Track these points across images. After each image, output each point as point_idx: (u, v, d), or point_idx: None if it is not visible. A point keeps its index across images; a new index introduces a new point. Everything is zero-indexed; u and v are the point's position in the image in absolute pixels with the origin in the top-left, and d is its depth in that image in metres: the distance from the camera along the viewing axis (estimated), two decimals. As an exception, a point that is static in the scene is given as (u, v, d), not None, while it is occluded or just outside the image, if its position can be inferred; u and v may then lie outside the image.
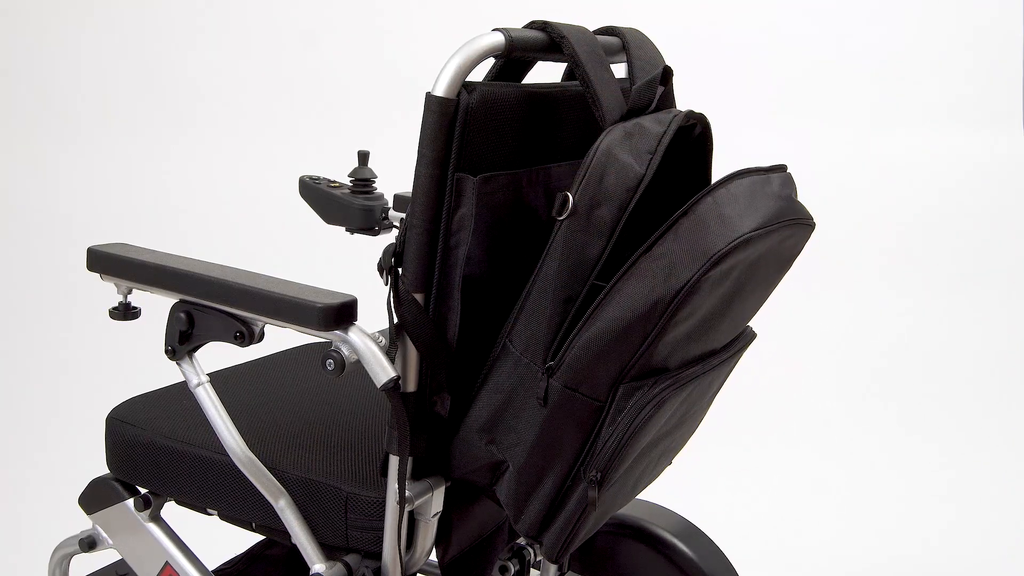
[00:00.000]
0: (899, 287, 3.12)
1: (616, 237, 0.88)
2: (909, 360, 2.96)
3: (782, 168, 0.97)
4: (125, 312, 1.11)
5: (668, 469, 1.16)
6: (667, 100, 1.09)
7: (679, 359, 0.93)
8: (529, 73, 1.11)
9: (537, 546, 1.39)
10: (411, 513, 1.01)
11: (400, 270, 0.95)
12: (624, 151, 0.88)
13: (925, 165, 3.24)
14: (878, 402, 2.81)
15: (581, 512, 0.94)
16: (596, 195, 0.87)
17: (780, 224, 0.91)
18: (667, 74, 1.04)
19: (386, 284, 0.95)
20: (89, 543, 1.24)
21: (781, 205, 0.92)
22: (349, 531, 1.05)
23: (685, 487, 2.28)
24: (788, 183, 0.96)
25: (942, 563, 2.13)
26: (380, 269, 0.95)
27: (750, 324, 1.11)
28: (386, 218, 1.34)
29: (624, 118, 0.92)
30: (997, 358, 2.95)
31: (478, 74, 0.96)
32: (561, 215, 0.87)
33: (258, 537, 1.57)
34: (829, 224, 3.23)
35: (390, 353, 0.96)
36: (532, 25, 0.98)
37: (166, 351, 1.07)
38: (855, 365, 2.95)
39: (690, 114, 0.95)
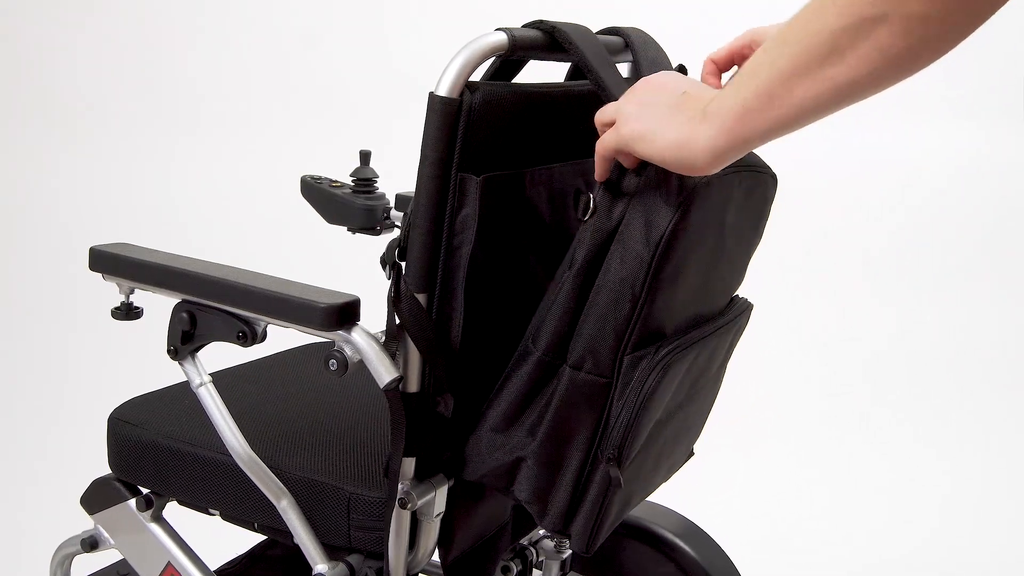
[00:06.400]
0: (895, 286, 3.12)
1: None
2: (908, 359, 2.96)
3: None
4: (127, 312, 1.11)
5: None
6: None
7: (675, 323, 0.94)
8: (526, 72, 1.11)
9: (541, 547, 1.39)
10: (414, 513, 1.01)
11: (403, 266, 0.95)
12: None
13: (920, 161, 3.24)
14: (879, 402, 2.81)
15: (604, 495, 0.94)
16: (615, 194, 0.88)
17: (736, 168, 0.91)
18: (681, 71, 1.05)
19: (388, 278, 0.95)
20: (91, 543, 1.24)
21: None
22: (352, 531, 1.05)
23: (686, 487, 2.28)
24: None
25: (943, 562, 2.13)
26: (383, 263, 0.96)
27: (746, 297, 1.12)
28: (388, 218, 1.34)
29: None
30: (995, 357, 2.95)
31: (477, 75, 0.96)
32: (585, 216, 0.89)
33: (260, 537, 1.57)
34: (827, 222, 3.23)
35: (388, 348, 0.96)
36: (533, 25, 0.98)
37: (168, 351, 1.07)
38: (855, 364, 2.95)
39: None
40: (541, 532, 1.39)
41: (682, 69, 1.05)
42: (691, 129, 0.76)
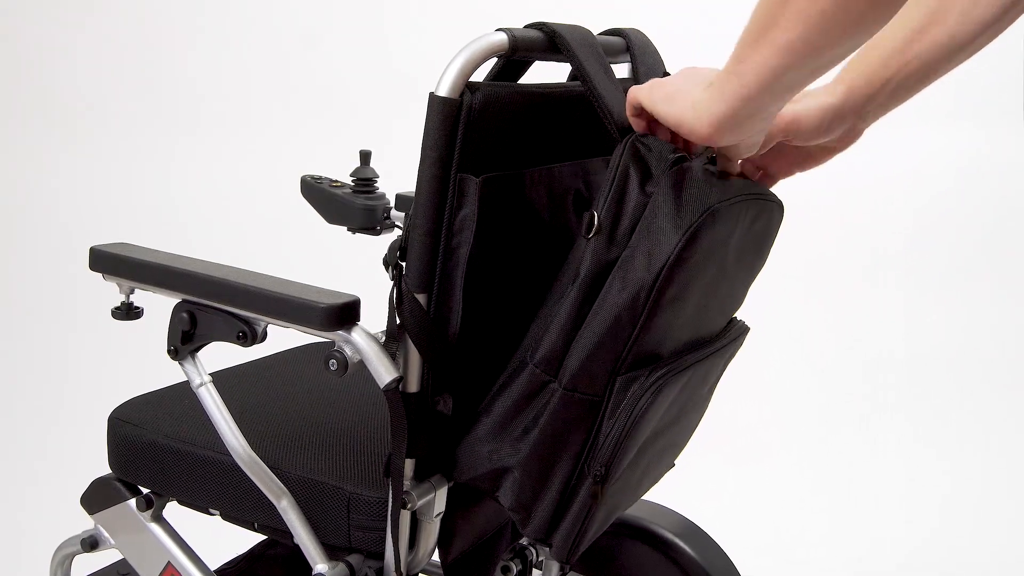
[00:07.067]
0: (896, 287, 3.12)
1: None
2: (908, 360, 2.96)
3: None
4: (127, 312, 1.11)
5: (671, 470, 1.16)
6: None
7: (671, 346, 0.94)
8: (531, 73, 1.11)
9: (540, 547, 1.39)
10: (414, 513, 1.01)
11: (404, 267, 0.95)
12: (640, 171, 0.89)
13: (921, 162, 3.24)
14: (879, 402, 2.81)
15: (588, 510, 0.94)
16: (619, 213, 0.88)
17: (743, 197, 0.91)
18: None
19: (391, 279, 0.95)
20: (91, 543, 1.24)
21: (734, 180, 0.93)
22: (352, 531, 1.05)
23: (686, 487, 2.28)
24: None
25: (943, 562, 2.13)
26: (386, 264, 0.96)
27: (742, 318, 1.11)
28: (388, 218, 1.34)
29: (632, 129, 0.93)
30: (995, 357, 2.95)
31: (478, 75, 0.96)
32: (589, 234, 0.88)
33: (260, 537, 1.57)
34: (827, 222, 3.23)
35: (388, 349, 0.96)
36: (534, 26, 0.98)
37: (168, 351, 1.07)
38: (855, 364, 2.94)
39: None
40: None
41: None
42: (700, 96, 0.82)
